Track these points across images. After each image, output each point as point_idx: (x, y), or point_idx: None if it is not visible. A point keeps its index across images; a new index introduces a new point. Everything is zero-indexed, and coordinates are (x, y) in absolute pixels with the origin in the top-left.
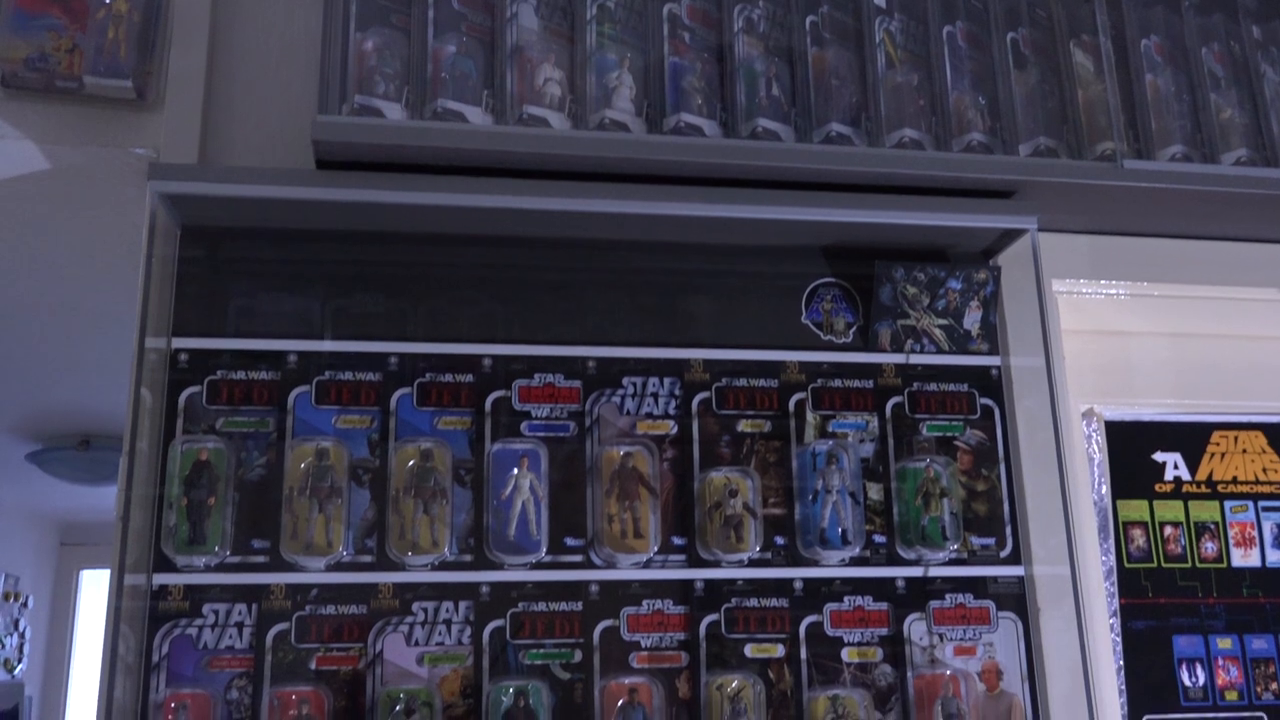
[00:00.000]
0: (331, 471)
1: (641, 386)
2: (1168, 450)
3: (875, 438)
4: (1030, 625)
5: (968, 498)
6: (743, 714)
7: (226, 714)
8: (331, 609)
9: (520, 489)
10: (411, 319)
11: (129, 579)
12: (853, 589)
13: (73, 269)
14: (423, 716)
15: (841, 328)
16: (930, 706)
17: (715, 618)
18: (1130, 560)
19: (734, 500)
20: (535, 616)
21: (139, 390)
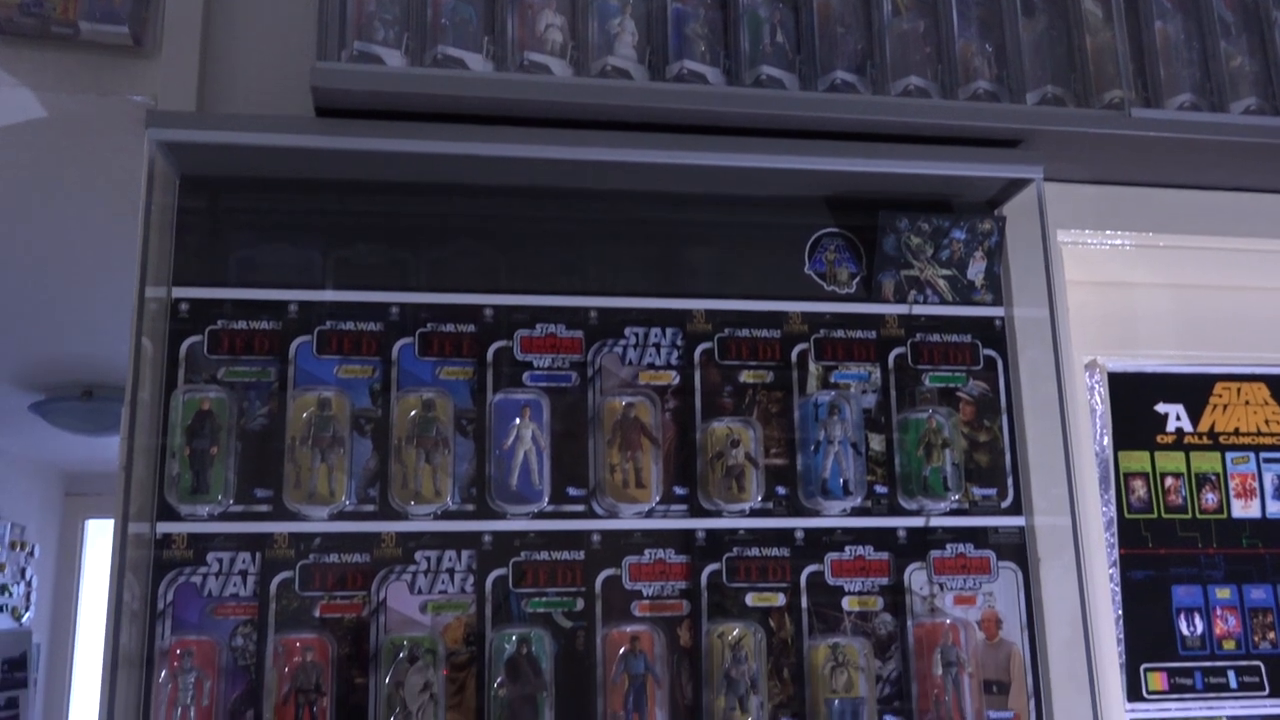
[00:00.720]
0: (334, 421)
1: (644, 337)
2: (1170, 402)
3: (877, 388)
4: (1030, 575)
5: (969, 448)
6: (744, 662)
7: (232, 660)
8: (335, 557)
9: (522, 439)
10: (413, 269)
11: (133, 528)
12: (854, 539)
13: (72, 219)
14: (426, 664)
15: (844, 278)
16: (930, 655)
17: (717, 567)
18: (1131, 511)
19: (736, 450)
20: (537, 565)
21: (140, 340)
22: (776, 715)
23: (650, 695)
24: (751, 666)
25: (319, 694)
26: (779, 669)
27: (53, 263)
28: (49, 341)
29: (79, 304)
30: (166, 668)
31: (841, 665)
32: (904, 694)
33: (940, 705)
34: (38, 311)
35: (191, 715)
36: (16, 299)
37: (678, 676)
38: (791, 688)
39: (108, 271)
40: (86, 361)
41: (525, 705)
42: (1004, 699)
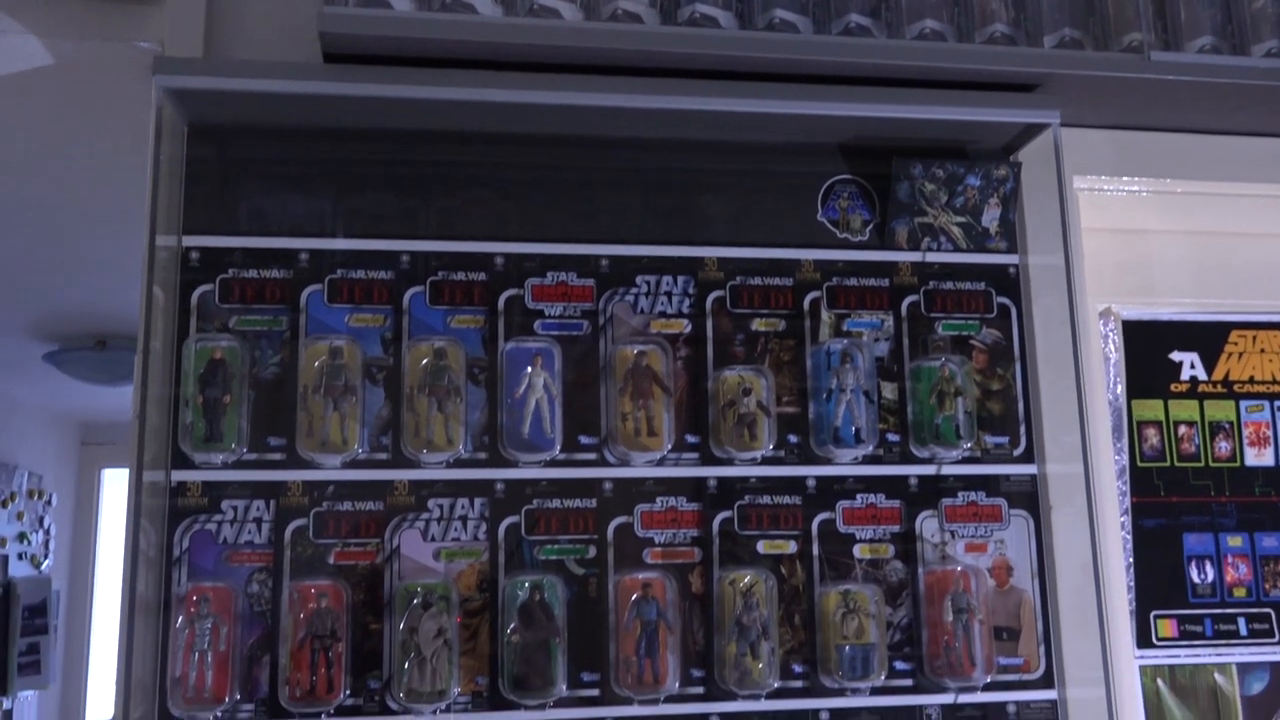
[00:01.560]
0: (345, 370)
1: (655, 285)
2: (1185, 350)
3: (890, 336)
4: (1041, 523)
5: (982, 397)
6: (755, 608)
7: (247, 606)
8: (348, 505)
9: (534, 387)
10: (423, 217)
11: (147, 476)
12: (865, 487)
13: (81, 167)
14: (440, 610)
15: (858, 225)
16: (940, 601)
17: (728, 514)
18: (1143, 459)
19: (748, 398)
20: (550, 513)
21: (151, 289)
22: (787, 661)
23: (662, 641)
24: (763, 613)
25: (334, 640)
26: (790, 616)
27: (63, 212)
28: (62, 291)
29: (90, 254)
30: (183, 613)
31: (852, 612)
32: (914, 640)
33: (950, 651)
34: (50, 261)
35: (208, 660)
36: (28, 249)
37: (689, 623)
38: (803, 634)
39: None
40: (99, 311)
41: (538, 650)
42: (1014, 645)
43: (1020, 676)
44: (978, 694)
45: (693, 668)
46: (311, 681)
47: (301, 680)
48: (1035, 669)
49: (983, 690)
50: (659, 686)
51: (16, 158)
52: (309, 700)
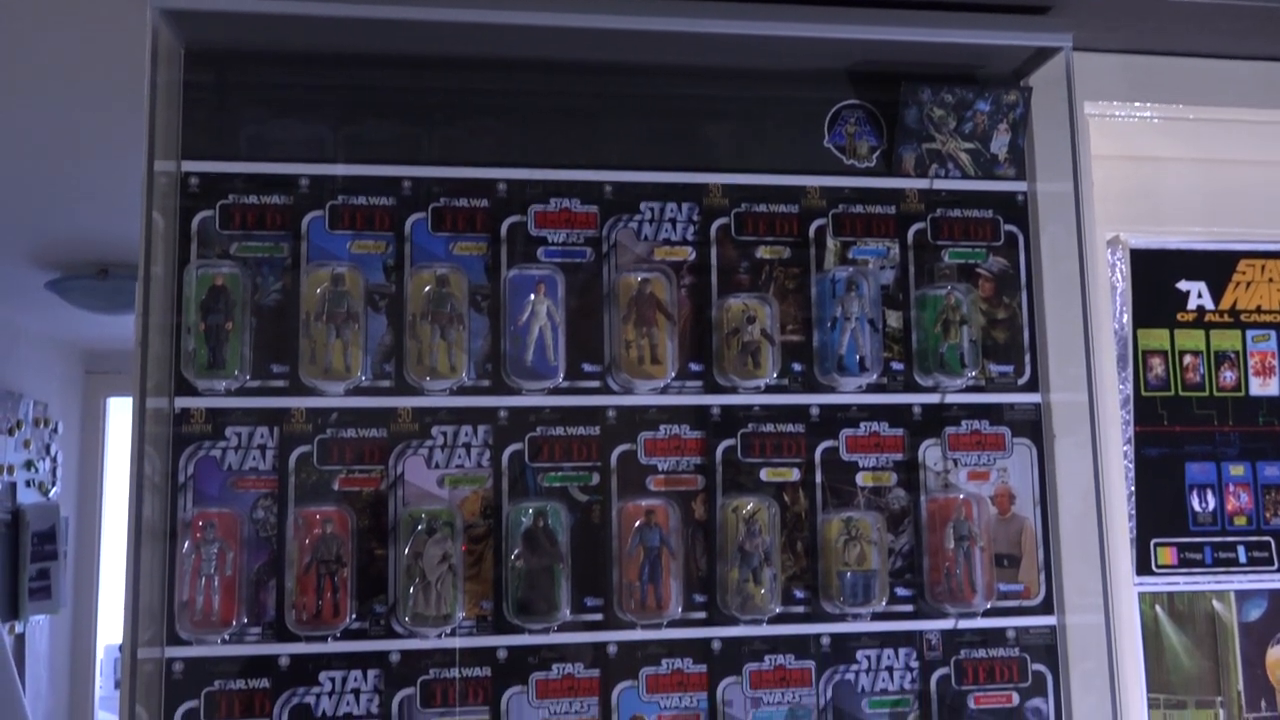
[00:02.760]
0: (348, 297)
1: (659, 212)
2: (1192, 279)
3: (896, 264)
4: (1045, 451)
5: (987, 325)
6: (757, 535)
7: (253, 532)
8: (352, 432)
9: (537, 315)
10: (425, 143)
11: (151, 403)
12: (869, 415)
13: (77, 92)
14: (444, 536)
15: (864, 152)
16: (942, 529)
17: (732, 442)
18: (1148, 389)
19: (752, 326)
20: (553, 440)
21: (150, 215)
22: (789, 587)
23: (665, 567)
24: (765, 540)
25: (339, 565)
26: (792, 542)
27: (62, 138)
28: (62, 219)
29: (91, 181)
30: (189, 539)
31: (854, 539)
32: (915, 567)
33: (951, 578)
34: (50, 189)
35: (215, 585)
36: (27, 176)
37: (692, 549)
38: (804, 561)
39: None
40: (101, 239)
41: (542, 576)
42: (1014, 572)
43: (1020, 603)
44: (977, 619)
45: (695, 593)
46: (318, 605)
47: (308, 604)
48: (1035, 595)
49: (982, 616)
50: (661, 611)
51: (12, 84)
52: (315, 624)
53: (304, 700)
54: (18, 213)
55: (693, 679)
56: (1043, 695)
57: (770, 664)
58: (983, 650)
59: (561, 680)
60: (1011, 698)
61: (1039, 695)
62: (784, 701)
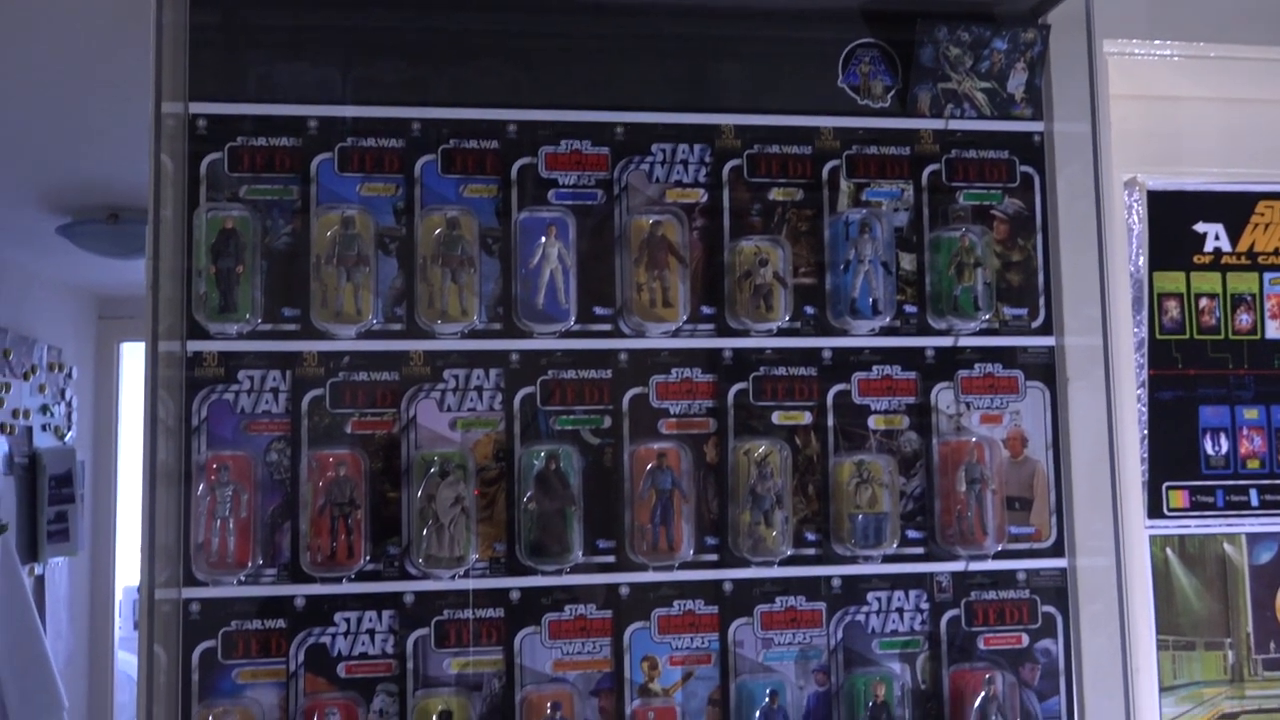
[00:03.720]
0: (358, 240)
1: (671, 154)
2: (1210, 221)
3: (910, 206)
4: (1058, 395)
5: (1002, 268)
6: (769, 478)
7: (267, 475)
8: (364, 375)
9: (548, 257)
10: (434, 84)
11: (163, 346)
12: (881, 358)
13: (85, 34)
14: (457, 478)
15: (879, 91)
16: (954, 472)
17: (744, 386)
18: (1162, 332)
19: (764, 269)
20: (565, 384)
21: (159, 157)
22: (800, 530)
23: (677, 509)
24: (777, 482)
25: (353, 507)
26: (804, 485)
27: (69, 80)
28: (71, 162)
29: (99, 124)
30: (204, 481)
31: (866, 481)
32: (927, 510)
33: (962, 520)
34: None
35: (230, 526)
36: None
37: (704, 492)
38: (816, 503)
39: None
40: (110, 183)
41: (554, 518)
42: (1025, 515)
43: (1031, 545)
44: (988, 562)
45: (707, 535)
46: (332, 547)
47: (322, 546)
48: (1046, 538)
49: (993, 558)
50: (673, 553)
51: (18, 26)
52: (330, 565)
53: (320, 640)
54: (27, 156)
55: (704, 620)
56: (1052, 637)
57: (781, 605)
58: (993, 592)
59: (574, 621)
60: (1021, 639)
61: (1048, 637)
62: (795, 642)
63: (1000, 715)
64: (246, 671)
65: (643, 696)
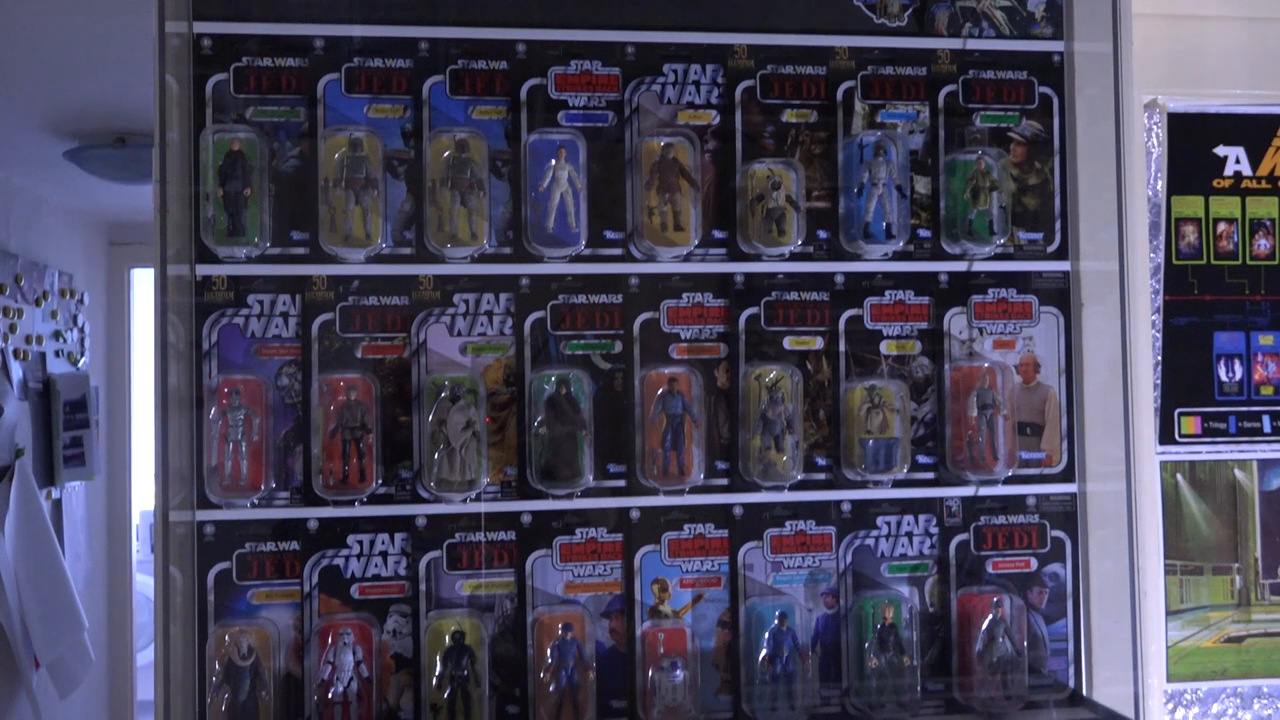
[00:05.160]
0: (366, 162)
1: (683, 74)
2: (1231, 144)
3: (925, 129)
4: (1072, 320)
5: (1018, 191)
6: (780, 403)
7: (278, 399)
8: (374, 300)
9: (558, 181)
10: (442, 3)
11: (172, 270)
12: (894, 283)
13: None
14: (468, 403)
15: (896, 10)
16: (965, 397)
17: (755, 311)
18: (1179, 257)
19: (777, 193)
20: (575, 308)
21: (164, 78)
22: (811, 455)
23: (687, 434)
24: (788, 408)
25: (364, 431)
26: (815, 411)
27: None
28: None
29: (105, 46)
30: (215, 405)
31: (877, 407)
32: (938, 435)
33: (973, 446)
34: (62, 54)
35: (243, 450)
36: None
37: (714, 417)
38: (827, 429)
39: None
40: (117, 107)
41: (565, 443)
42: (1036, 440)
43: (1042, 470)
44: (998, 487)
45: (717, 460)
46: (344, 471)
47: (334, 470)
48: (1057, 463)
49: (1003, 483)
50: (684, 478)
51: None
52: (342, 489)
53: (333, 562)
54: (32, 80)
55: (714, 543)
56: (1060, 561)
57: (791, 529)
58: (1002, 517)
59: (585, 544)
60: (1029, 563)
61: (1057, 561)
62: (804, 566)
63: (1007, 638)
64: (261, 592)
65: (653, 618)
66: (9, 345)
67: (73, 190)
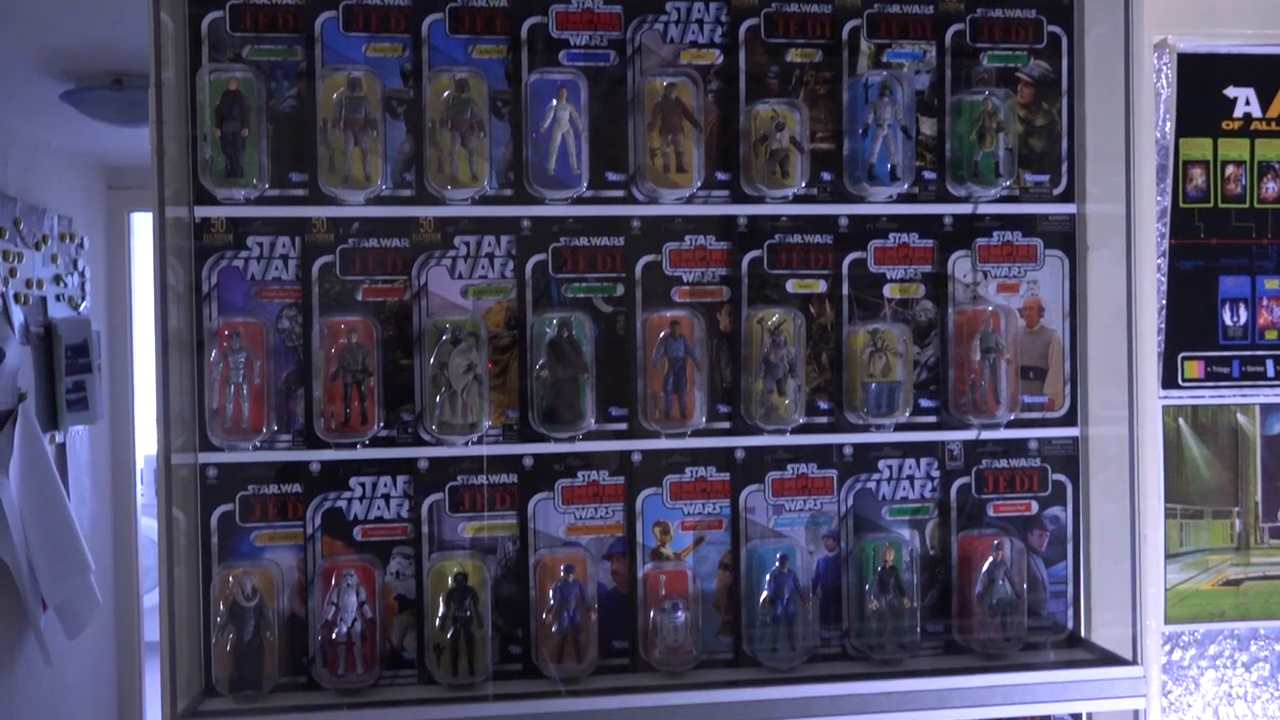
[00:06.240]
0: (365, 102)
1: (686, 12)
2: (1241, 85)
3: (932, 69)
4: (1077, 263)
5: (1024, 133)
6: (783, 346)
7: (279, 341)
8: (374, 242)
9: (560, 121)
10: None
11: (170, 212)
12: (898, 226)
13: None
14: (469, 346)
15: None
16: (969, 341)
17: (758, 253)
18: (1186, 200)
19: (781, 134)
20: (577, 251)
21: (158, 15)
22: (813, 398)
23: (689, 377)
24: (790, 351)
25: (366, 374)
26: (817, 354)
27: None
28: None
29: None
30: (216, 348)
31: (880, 350)
32: (940, 379)
33: (976, 389)
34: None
35: (244, 393)
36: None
37: (717, 360)
38: (829, 372)
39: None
40: (113, 48)
41: (567, 386)
42: (1039, 384)
43: (1044, 414)
44: (1000, 430)
45: (719, 403)
46: (345, 414)
47: (336, 412)
48: (1059, 407)
49: (1005, 427)
50: (686, 421)
51: None
52: (344, 431)
53: (335, 504)
54: (28, 19)
55: (716, 486)
56: (1061, 504)
57: (793, 473)
58: (1004, 460)
59: (587, 487)
60: (1030, 506)
61: (1058, 504)
62: (805, 509)
63: (1007, 580)
64: (264, 534)
65: (655, 560)
66: (9, 289)
67: (71, 133)
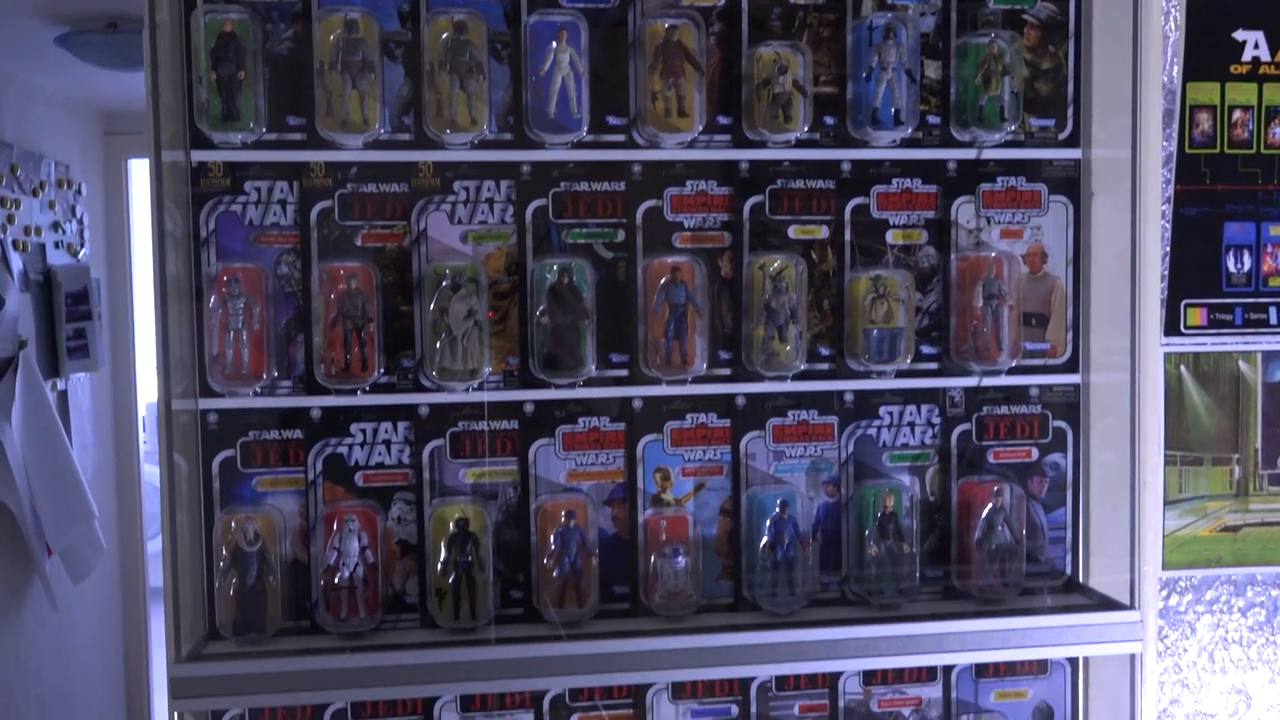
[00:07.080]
0: (362, 45)
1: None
2: (1250, 28)
3: (937, 10)
4: (1081, 209)
5: (1030, 77)
6: (784, 292)
7: (278, 287)
8: (373, 187)
9: (560, 64)
10: None
11: (167, 155)
12: (902, 171)
13: None
14: (469, 291)
15: None
16: (971, 288)
17: (760, 199)
18: (1192, 145)
19: (783, 77)
20: (578, 196)
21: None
22: (814, 345)
23: (690, 324)
24: (791, 297)
25: (366, 320)
26: (819, 301)
27: None
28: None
29: None
30: (215, 294)
31: (882, 297)
32: (942, 325)
33: (978, 336)
34: None
35: (244, 339)
36: None
37: (718, 306)
38: (831, 319)
39: None
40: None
41: (568, 332)
42: (1042, 331)
43: (1046, 361)
44: (1001, 377)
45: (720, 350)
46: (346, 360)
47: (336, 358)
48: (1061, 354)
49: (1007, 374)
50: (687, 368)
51: None
52: (344, 377)
53: (336, 450)
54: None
55: (716, 433)
56: (1062, 451)
57: (793, 419)
58: (1005, 407)
59: (588, 433)
60: (1031, 453)
61: (1058, 451)
62: (806, 455)
63: (1006, 526)
64: (266, 480)
65: (655, 506)
66: (8, 236)
67: (66, 79)
